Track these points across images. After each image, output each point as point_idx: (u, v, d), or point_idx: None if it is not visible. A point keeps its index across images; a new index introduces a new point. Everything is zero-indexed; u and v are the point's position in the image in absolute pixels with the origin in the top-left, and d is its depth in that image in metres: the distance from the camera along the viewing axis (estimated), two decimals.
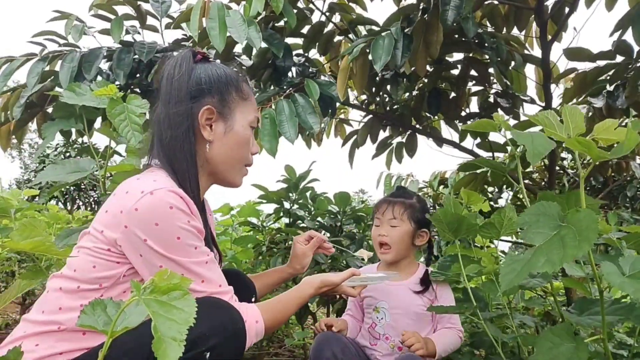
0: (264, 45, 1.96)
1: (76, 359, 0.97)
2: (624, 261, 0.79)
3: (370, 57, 1.84)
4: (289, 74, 2.19)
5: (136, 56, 2.06)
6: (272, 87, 2.14)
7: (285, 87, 2.00)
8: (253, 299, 1.31)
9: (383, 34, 1.88)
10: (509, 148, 2.47)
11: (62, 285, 1.03)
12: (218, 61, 1.23)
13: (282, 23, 2.15)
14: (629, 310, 0.90)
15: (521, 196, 3.15)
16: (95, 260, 1.01)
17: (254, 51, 2.17)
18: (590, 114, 2.33)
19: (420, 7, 1.97)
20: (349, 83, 2.85)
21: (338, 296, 2.60)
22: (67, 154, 14.85)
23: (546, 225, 0.80)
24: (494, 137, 2.63)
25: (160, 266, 0.99)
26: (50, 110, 2.16)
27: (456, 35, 2.14)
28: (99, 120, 1.87)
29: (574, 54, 2.10)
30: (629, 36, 1.93)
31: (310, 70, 2.28)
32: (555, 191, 2.38)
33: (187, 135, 1.10)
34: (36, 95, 2.05)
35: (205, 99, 1.13)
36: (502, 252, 3.20)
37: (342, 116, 3.34)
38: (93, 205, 15.40)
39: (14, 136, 2.27)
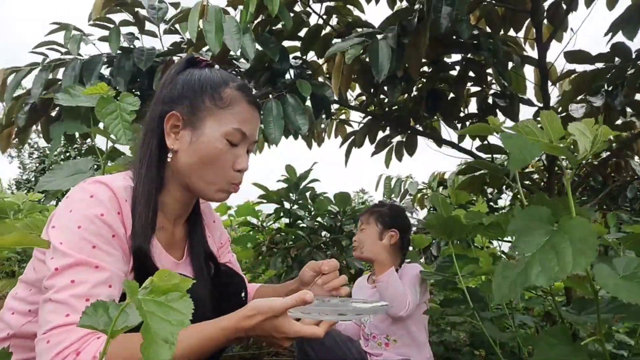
0: (259, 48, 1.97)
1: None
2: (618, 262, 0.77)
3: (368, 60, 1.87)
4: (287, 77, 2.20)
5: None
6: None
7: (278, 87, 2.01)
8: (243, 294, 1.20)
9: (379, 38, 1.88)
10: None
11: (18, 290, 0.99)
12: (217, 66, 1.13)
13: (279, 26, 2.15)
14: (626, 308, 0.90)
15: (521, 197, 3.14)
16: (37, 262, 0.94)
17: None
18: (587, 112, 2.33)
19: (415, 14, 1.96)
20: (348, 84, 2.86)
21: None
22: (67, 154, 14.83)
23: (537, 232, 0.75)
24: (493, 138, 2.63)
25: (52, 258, 0.84)
26: (53, 114, 2.19)
27: (454, 37, 2.14)
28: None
29: (573, 56, 2.13)
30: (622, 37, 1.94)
31: (307, 72, 2.29)
32: (554, 191, 2.38)
33: (149, 140, 1.03)
34: (40, 101, 2.06)
35: (176, 105, 1.03)
36: (502, 252, 3.20)
37: (342, 117, 3.34)
38: None
39: (16, 139, 2.30)
